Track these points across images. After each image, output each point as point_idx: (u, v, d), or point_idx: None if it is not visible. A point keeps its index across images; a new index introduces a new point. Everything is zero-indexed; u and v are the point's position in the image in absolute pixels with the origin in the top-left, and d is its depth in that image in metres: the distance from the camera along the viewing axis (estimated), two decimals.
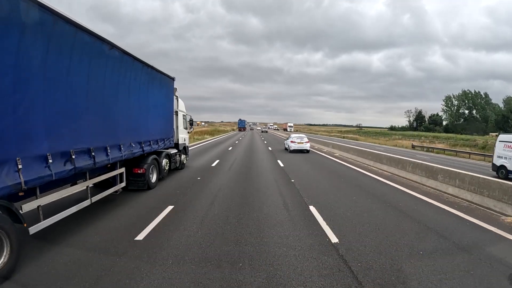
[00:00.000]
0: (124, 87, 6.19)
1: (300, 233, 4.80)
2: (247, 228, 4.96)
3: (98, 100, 5.24)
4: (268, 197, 7.13)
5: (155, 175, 7.98)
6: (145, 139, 7.25)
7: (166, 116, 9.03)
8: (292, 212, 5.95)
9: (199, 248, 4.19)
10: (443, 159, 24.48)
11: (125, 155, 6.11)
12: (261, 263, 3.74)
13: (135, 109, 6.70)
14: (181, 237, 4.59)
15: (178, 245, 4.27)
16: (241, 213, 5.76)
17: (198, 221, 5.30)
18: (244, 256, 3.94)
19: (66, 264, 3.65)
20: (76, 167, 4.59)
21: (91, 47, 4.94)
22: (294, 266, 3.66)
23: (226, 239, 4.50)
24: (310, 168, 12.73)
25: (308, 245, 4.32)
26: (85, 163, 4.82)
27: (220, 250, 4.13)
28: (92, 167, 4.99)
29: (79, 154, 4.68)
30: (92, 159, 4.98)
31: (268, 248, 4.20)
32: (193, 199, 6.81)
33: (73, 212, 4.75)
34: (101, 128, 5.33)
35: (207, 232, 4.78)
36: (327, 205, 6.49)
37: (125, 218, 5.38)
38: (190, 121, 12.46)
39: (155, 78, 7.88)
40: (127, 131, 6.27)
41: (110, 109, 5.65)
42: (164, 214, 5.61)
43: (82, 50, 4.69)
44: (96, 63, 5.13)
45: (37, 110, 3.80)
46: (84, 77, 4.82)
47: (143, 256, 3.91)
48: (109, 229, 4.82)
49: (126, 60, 6.16)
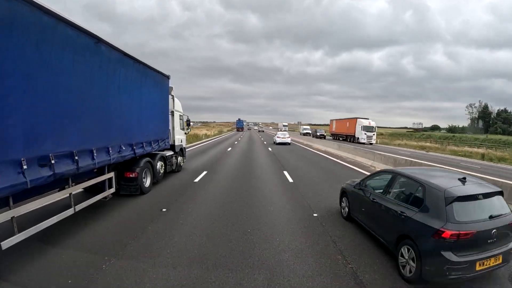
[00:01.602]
0: (113, 85, 5.73)
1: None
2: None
3: (83, 99, 4.78)
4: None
5: (149, 179, 7.52)
6: (137, 141, 6.79)
7: (160, 116, 8.57)
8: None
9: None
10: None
11: (114, 159, 5.65)
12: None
13: (125, 108, 6.24)
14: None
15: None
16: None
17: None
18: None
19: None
20: (56, 173, 4.14)
21: (74, 41, 4.50)
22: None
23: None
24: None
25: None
26: (67, 168, 4.37)
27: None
28: (74, 172, 4.53)
29: (60, 159, 4.23)
30: (75, 163, 4.52)
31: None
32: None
33: (54, 222, 4.31)
34: (87, 130, 4.87)
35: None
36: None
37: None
38: (187, 122, 12.00)
39: (148, 75, 7.42)
40: (116, 132, 5.81)
41: (97, 108, 5.19)
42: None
43: (64, 45, 4.25)
44: (81, 58, 4.69)
45: (10, 110, 3.36)
46: (66, 74, 4.37)
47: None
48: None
49: (115, 56, 5.71)
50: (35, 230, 3.90)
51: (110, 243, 4.35)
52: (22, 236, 3.68)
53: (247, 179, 9.61)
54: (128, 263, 3.79)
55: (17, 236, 3.61)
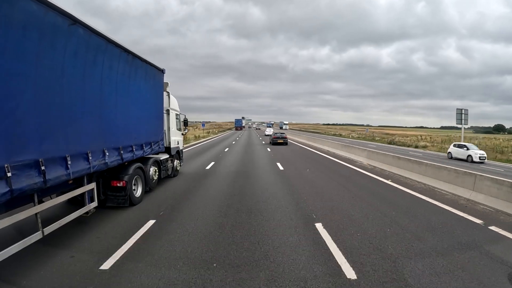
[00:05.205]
0: (94, 77, 4.73)
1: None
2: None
3: (52, 93, 3.79)
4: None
5: (140, 188, 6.52)
6: (125, 144, 5.79)
7: (154, 115, 7.56)
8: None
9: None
10: None
11: (95, 166, 4.65)
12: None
13: (110, 106, 5.24)
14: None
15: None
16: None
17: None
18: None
19: None
20: (14, 189, 3.17)
21: (41, 21, 3.52)
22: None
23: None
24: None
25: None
26: (30, 181, 3.38)
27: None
28: (41, 186, 3.54)
29: (20, 170, 3.26)
30: (41, 175, 3.53)
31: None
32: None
33: (14, 252, 3.32)
34: (57, 132, 3.88)
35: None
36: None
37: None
38: (184, 121, 11.00)
39: (138, 67, 6.42)
40: (98, 134, 4.82)
41: (72, 105, 4.20)
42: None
43: (26, 25, 3.29)
44: (49, 42, 3.71)
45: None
46: (29, 61, 3.40)
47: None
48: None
49: (95, 41, 4.71)
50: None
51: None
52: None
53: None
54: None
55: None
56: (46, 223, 3.85)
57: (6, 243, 3.29)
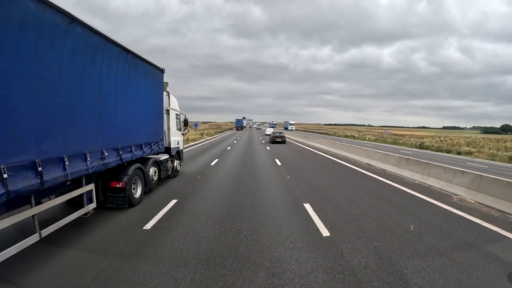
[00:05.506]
0: (92, 76, 4.67)
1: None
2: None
3: (49, 93, 3.72)
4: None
5: (139, 188, 6.45)
6: (124, 144, 5.72)
7: (153, 115, 7.50)
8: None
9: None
10: None
11: (94, 167, 4.59)
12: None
13: (109, 106, 5.17)
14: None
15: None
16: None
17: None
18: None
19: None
20: (10, 190, 3.11)
21: (39, 20, 3.46)
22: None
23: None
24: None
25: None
26: (27, 183, 3.32)
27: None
28: (38, 188, 3.48)
29: (16, 171, 3.19)
30: (38, 176, 3.47)
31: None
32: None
33: (11, 255, 3.26)
34: (55, 132, 3.81)
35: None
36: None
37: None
38: (184, 121, 10.93)
39: (138, 67, 6.35)
40: (96, 134, 4.74)
41: (70, 105, 4.13)
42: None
43: (24, 24, 3.23)
44: (47, 41, 3.64)
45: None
46: (27, 60, 3.33)
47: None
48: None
49: (94, 40, 4.64)
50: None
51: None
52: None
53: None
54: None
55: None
56: (44, 225, 3.80)
57: (3, 245, 3.23)
